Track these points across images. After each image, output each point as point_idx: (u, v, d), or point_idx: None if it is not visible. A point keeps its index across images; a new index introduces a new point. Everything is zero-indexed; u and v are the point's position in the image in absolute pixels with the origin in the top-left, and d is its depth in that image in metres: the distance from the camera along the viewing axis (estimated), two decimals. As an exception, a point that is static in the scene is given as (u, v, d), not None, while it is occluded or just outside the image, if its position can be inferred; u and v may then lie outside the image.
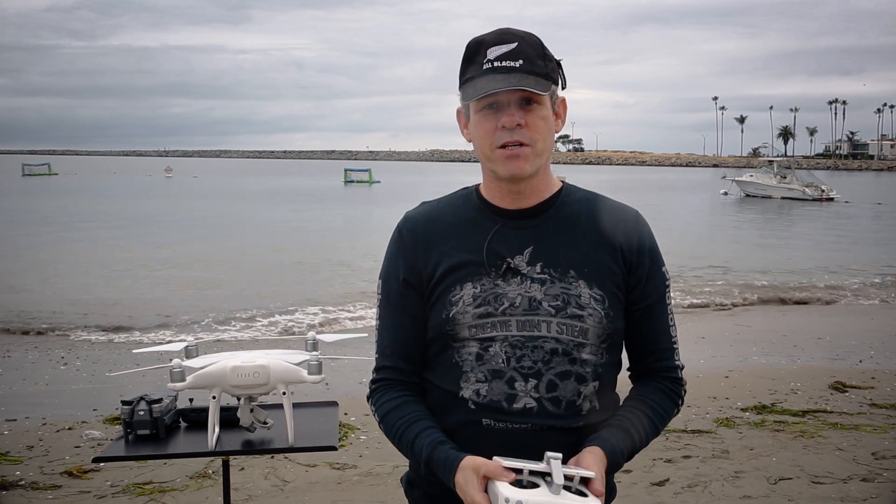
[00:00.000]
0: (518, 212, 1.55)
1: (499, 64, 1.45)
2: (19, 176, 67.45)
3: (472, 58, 1.49)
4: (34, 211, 29.84)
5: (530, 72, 1.45)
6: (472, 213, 1.57)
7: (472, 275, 1.51)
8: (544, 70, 1.48)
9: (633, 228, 1.56)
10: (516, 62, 1.45)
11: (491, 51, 1.46)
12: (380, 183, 60.09)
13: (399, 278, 1.57)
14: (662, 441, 5.08)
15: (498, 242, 1.52)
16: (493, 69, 1.45)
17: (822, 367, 7.57)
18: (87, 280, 13.45)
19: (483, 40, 1.49)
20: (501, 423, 1.47)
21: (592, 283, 1.50)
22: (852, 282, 13.26)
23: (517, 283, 1.50)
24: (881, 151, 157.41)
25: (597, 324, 1.49)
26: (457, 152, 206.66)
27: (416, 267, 1.55)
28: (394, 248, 1.61)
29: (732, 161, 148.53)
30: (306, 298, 11.90)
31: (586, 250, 1.52)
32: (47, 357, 8.21)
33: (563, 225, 1.54)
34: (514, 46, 1.46)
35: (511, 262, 1.51)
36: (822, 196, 41.39)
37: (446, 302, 1.51)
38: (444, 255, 1.54)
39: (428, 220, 1.59)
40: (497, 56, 1.45)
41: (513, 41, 1.47)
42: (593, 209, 1.57)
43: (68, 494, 4.26)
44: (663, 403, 1.58)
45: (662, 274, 1.59)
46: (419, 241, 1.57)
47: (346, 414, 5.62)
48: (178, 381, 2.30)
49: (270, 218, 27.94)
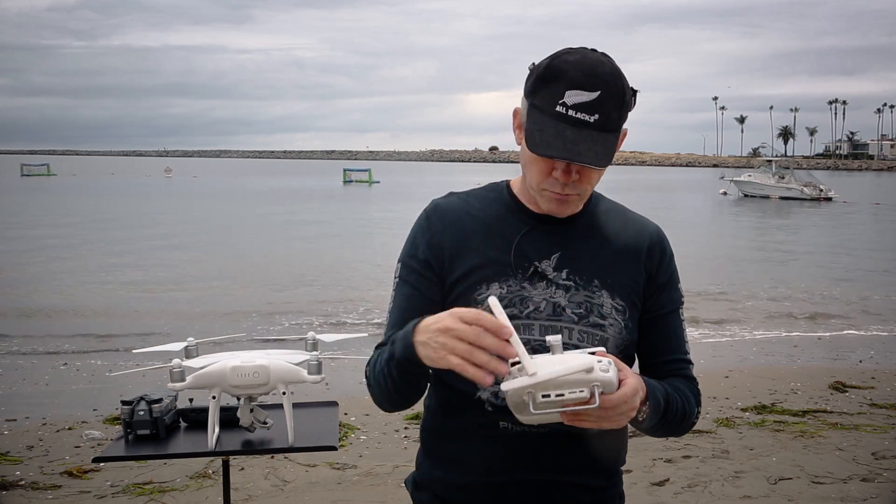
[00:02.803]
0: (548, 217, 1.52)
1: (573, 115, 1.34)
2: (18, 176, 67.39)
3: (549, 81, 1.37)
4: (29, 213, 29.83)
5: (603, 128, 1.35)
6: (502, 210, 1.55)
7: (499, 275, 1.49)
8: (617, 123, 1.38)
9: (655, 242, 1.56)
10: (592, 116, 1.34)
11: (570, 95, 1.34)
12: (379, 183, 60.07)
13: (419, 258, 1.52)
14: (662, 441, 5.09)
15: (526, 244, 1.51)
16: (565, 118, 1.34)
17: (822, 367, 7.58)
18: (87, 281, 13.45)
19: (566, 73, 1.35)
20: (519, 426, 1.44)
21: (615, 294, 1.50)
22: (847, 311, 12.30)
23: (543, 288, 1.48)
24: (881, 151, 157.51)
25: (617, 334, 1.49)
26: (457, 152, 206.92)
27: (440, 252, 1.51)
28: (419, 230, 1.55)
29: (732, 161, 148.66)
30: (307, 298, 11.90)
31: (611, 260, 1.52)
32: (47, 357, 8.21)
33: (590, 233, 1.53)
34: (595, 97, 1.34)
35: (539, 266, 1.49)
36: (821, 196, 41.39)
37: (470, 300, 1.48)
38: (472, 249, 1.51)
39: (458, 210, 1.56)
40: (574, 104, 1.34)
41: (596, 89, 1.34)
42: (619, 220, 1.57)
43: (68, 494, 4.26)
44: (684, 388, 1.53)
45: (679, 290, 1.59)
46: (447, 229, 1.53)
47: (346, 414, 5.63)
48: (178, 381, 2.30)
49: (271, 218, 27.92)
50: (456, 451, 1.53)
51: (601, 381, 1.15)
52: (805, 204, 39.38)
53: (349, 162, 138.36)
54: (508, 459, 1.47)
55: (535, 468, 1.47)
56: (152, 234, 21.76)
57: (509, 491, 1.48)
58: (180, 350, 2.48)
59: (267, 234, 22.37)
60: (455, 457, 1.53)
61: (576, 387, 1.15)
